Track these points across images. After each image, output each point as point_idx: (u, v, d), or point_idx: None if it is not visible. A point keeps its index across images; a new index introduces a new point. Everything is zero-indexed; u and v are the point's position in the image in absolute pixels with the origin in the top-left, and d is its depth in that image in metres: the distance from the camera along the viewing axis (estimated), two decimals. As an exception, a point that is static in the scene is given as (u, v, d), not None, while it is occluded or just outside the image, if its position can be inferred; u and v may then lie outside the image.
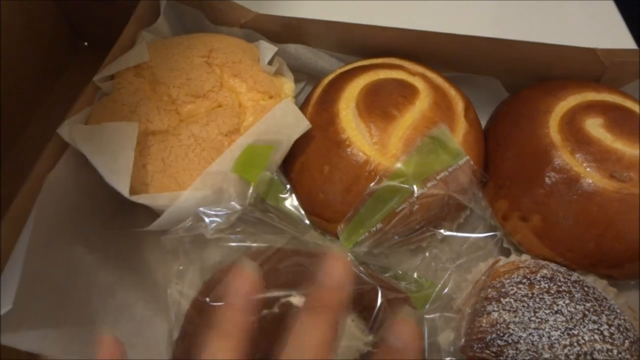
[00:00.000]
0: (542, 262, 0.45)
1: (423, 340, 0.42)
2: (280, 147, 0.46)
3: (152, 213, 0.48)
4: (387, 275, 0.46)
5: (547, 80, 0.53)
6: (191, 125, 0.46)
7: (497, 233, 0.47)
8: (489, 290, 0.43)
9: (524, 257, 0.47)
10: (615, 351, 0.39)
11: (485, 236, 0.47)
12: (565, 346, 0.39)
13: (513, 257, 0.48)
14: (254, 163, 0.43)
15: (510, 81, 0.56)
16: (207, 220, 0.42)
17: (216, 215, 0.42)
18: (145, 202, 0.44)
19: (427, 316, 0.43)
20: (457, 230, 0.49)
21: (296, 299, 0.42)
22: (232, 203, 0.42)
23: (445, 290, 0.44)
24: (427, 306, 0.44)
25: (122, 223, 0.51)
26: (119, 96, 0.47)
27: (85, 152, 0.43)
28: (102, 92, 0.49)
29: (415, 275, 0.46)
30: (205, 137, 0.46)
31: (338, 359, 0.40)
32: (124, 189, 0.42)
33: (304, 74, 0.59)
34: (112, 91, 0.48)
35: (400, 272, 0.46)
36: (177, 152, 0.46)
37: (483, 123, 0.54)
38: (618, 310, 0.42)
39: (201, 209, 0.42)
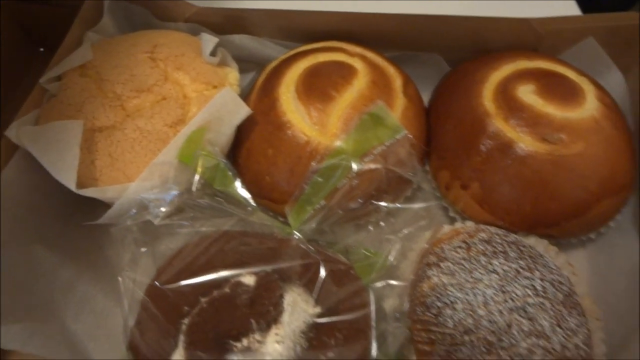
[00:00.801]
0: (482, 227, 0.47)
1: (371, 310, 0.44)
2: (223, 133, 0.47)
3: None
4: (334, 249, 0.47)
5: (485, 52, 0.54)
6: (137, 119, 0.48)
7: (438, 202, 0.48)
8: (430, 256, 0.45)
9: (468, 224, 0.49)
10: (547, 304, 0.41)
11: (428, 206, 0.48)
12: (498, 302, 0.40)
13: (457, 224, 0.49)
14: (195, 149, 0.45)
15: (452, 57, 0.57)
16: (151, 207, 0.43)
17: (159, 201, 0.44)
18: (94, 194, 0.45)
19: (373, 285, 0.45)
20: (404, 204, 0.51)
21: (246, 278, 0.44)
22: (173, 188, 0.44)
23: (391, 260, 0.46)
24: (372, 275, 0.45)
25: (81, 220, 0.52)
26: (65, 96, 0.49)
27: (33, 151, 0.45)
28: (50, 94, 0.50)
29: (361, 247, 0.48)
30: (150, 130, 0.48)
31: (286, 330, 0.42)
32: (70, 183, 0.44)
33: (253, 64, 0.60)
34: (59, 92, 0.49)
35: (347, 245, 0.48)
36: (124, 146, 0.47)
37: (429, 99, 0.55)
38: (553, 267, 0.43)
39: (143, 196, 0.43)
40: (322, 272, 0.43)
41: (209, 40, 0.52)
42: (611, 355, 0.45)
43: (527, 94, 0.48)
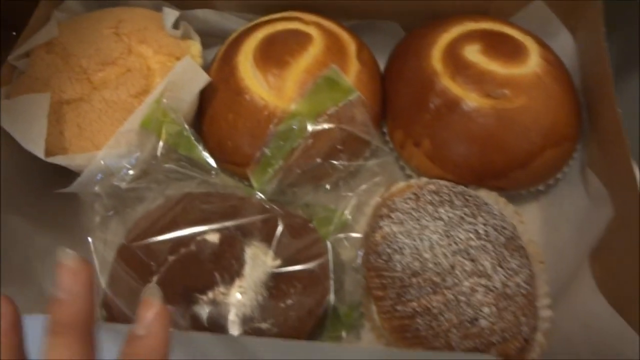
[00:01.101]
0: (433, 180, 0.49)
1: (329, 261, 0.47)
2: (184, 101, 0.49)
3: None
4: (293, 206, 0.50)
5: (438, 18, 0.57)
6: (103, 91, 0.50)
7: (390, 157, 0.51)
8: (383, 209, 0.47)
9: (422, 179, 0.51)
10: (489, 246, 0.44)
11: (382, 162, 0.51)
12: (443, 246, 0.43)
13: (412, 181, 0.52)
14: (157, 115, 0.47)
15: (407, 23, 0.60)
16: (116, 172, 0.46)
17: (124, 166, 0.46)
18: (63, 162, 0.48)
19: (330, 237, 0.48)
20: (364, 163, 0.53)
21: (210, 236, 0.47)
22: (137, 154, 0.46)
23: (347, 215, 0.49)
24: (330, 229, 0.48)
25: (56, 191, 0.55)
26: (33, 72, 0.51)
27: (3, 124, 0.47)
28: (19, 71, 0.53)
29: (319, 204, 0.50)
30: (116, 100, 0.50)
31: (248, 282, 0.45)
32: (39, 151, 0.46)
33: (219, 38, 0.62)
34: (27, 68, 0.52)
35: (306, 203, 0.50)
36: (91, 116, 0.50)
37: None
38: (497, 213, 0.46)
39: (108, 161, 0.46)
40: (280, 226, 0.46)
41: (170, 14, 0.54)
42: (555, 294, 0.48)
43: (473, 53, 0.50)
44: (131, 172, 0.47)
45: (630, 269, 0.43)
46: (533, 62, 0.50)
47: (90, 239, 0.46)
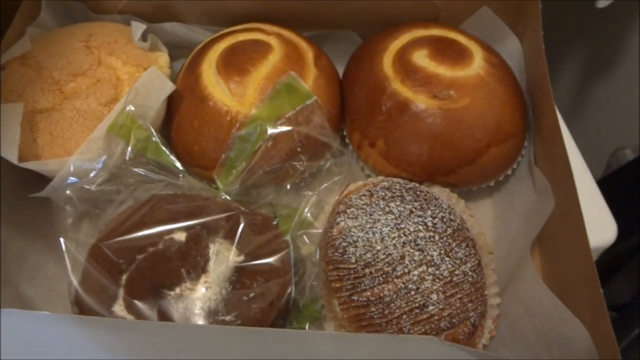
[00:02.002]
0: (388, 178, 0.52)
1: (290, 255, 0.49)
2: (151, 107, 0.52)
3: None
4: (256, 205, 0.53)
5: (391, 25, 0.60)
6: (74, 100, 0.53)
7: (347, 157, 0.54)
8: (340, 206, 0.50)
9: (378, 177, 0.54)
10: (437, 237, 0.47)
11: (339, 162, 0.54)
12: (393, 238, 0.46)
13: (369, 179, 0.55)
14: (122, 121, 0.50)
15: (364, 32, 0.63)
16: (85, 175, 0.49)
17: (92, 170, 0.49)
18: (36, 167, 0.50)
19: (291, 234, 0.50)
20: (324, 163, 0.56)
21: (177, 235, 0.50)
22: (104, 157, 0.49)
23: (307, 213, 0.52)
24: (291, 226, 0.51)
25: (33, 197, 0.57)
26: (7, 84, 0.54)
27: (-22, 133, 0.50)
28: (-7, 84, 0.55)
29: (281, 204, 0.53)
30: (86, 109, 0.53)
31: (212, 277, 0.48)
32: (12, 157, 0.49)
33: (186, 50, 0.65)
34: (2, 80, 0.54)
35: (268, 202, 0.53)
36: (63, 124, 0.52)
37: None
38: (445, 207, 0.49)
39: (78, 165, 0.49)
40: (242, 223, 0.49)
41: (138, 27, 0.57)
42: (504, 282, 0.51)
43: (421, 57, 0.54)
44: (101, 175, 0.49)
45: (569, 257, 0.47)
46: (476, 65, 0.53)
47: (61, 240, 0.48)
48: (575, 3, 0.91)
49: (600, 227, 0.55)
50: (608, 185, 0.68)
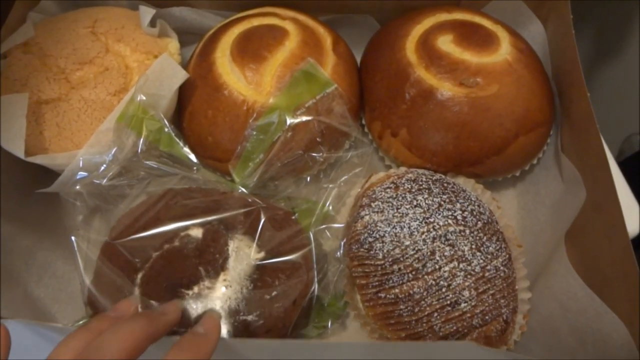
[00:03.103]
0: (411, 169, 0.50)
1: (312, 252, 0.47)
2: (164, 97, 0.50)
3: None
4: (275, 199, 0.51)
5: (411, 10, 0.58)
6: (81, 90, 0.50)
7: (369, 148, 0.52)
8: (364, 199, 0.48)
9: (401, 168, 0.52)
10: (467, 231, 0.45)
11: (362, 153, 0.52)
12: (422, 232, 0.44)
13: (392, 171, 0.53)
14: (133, 110, 0.47)
15: (382, 16, 0.61)
16: (95, 169, 0.46)
17: (102, 163, 0.46)
18: (44, 162, 0.48)
19: (313, 229, 0.48)
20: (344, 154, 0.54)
21: (194, 231, 0.47)
22: (114, 149, 0.46)
23: (328, 206, 0.49)
24: (312, 220, 0.49)
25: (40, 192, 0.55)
26: (10, 73, 0.51)
27: (-18, 126, 0.47)
28: (-5, 73, 0.52)
29: (301, 197, 0.51)
30: (95, 99, 0.50)
31: (232, 275, 0.45)
32: (19, 152, 0.46)
33: (196, 36, 0.62)
34: (4, 69, 0.52)
35: (287, 195, 0.51)
36: (70, 116, 0.50)
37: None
38: (474, 199, 0.47)
39: (88, 159, 0.46)
40: (262, 219, 0.46)
41: (146, 12, 0.54)
42: (533, 277, 0.49)
43: (445, 43, 0.51)
44: (111, 168, 0.47)
45: (604, 249, 0.45)
46: (504, 50, 0.51)
47: (73, 238, 0.46)
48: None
49: (629, 218, 0.53)
50: (622, 171, 0.67)
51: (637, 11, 0.89)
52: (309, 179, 0.52)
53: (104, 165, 0.47)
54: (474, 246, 0.44)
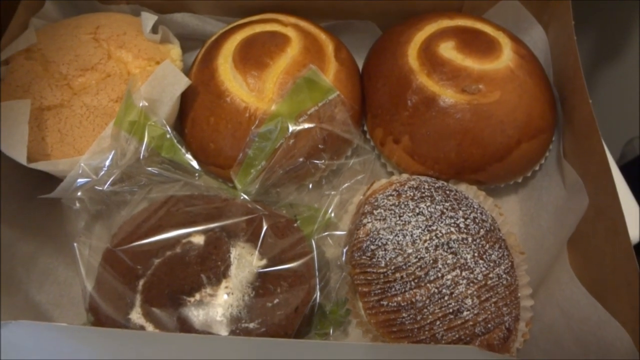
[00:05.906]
0: (414, 177, 0.50)
1: (314, 260, 0.47)
2: (165, 104, 0.50)
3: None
4: (277, 206, 0.51)
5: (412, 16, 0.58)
6: (83, 96, 0.50)
7: (372, 155, 0.52)
8: (366, 206, 0.48)
9: (404, 175, 0.52)
10: (470, 239, 0.45)
11: (364, 160, 0.52)
12: (425, 240, 0.44)
13: (394, 177, 0.53)
14: (130, 115, 0.47)
15: (383, 22, 0.61)
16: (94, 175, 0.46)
17: (102, 168, 0.46)
18: (46, 168, 0.48)
19: (315, 236, 0.48)
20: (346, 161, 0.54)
21: (196, 238, 0.47)
22: (112, 153, 0.46)
23: (330, 213, 0.49)
24: (314, 228, 0.48)
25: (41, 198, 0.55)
26: (12, 79, 0.51)
27: (-16, 132, 0.47)
28: (-2, 80, 0.52)
29: (303, 204, 0.51)
30: (97, 105, 0.50)
31: (234, 282, 0.45)
32: (21, 158, 0.46)
33: (198, 42, 0.62)
34: (6, 76, 0.52)
35: (289, 202, 0.51)
36: (72, 122, 0.50)
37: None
38: (476, 207, 0.47)
39: (89, 165, 0.46)
40: (265, 226, 0.46)
41: (149, 18, 0.54)
42: (536, 284, 0.49)
43: (447, 50, 0.51)
44: (113, 174, 0.47)
45: (606, 256, 0.45)
46: (506, 57, 0.51)
47: (75, 245, 0.46)
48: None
49: (631, 223, 0.53)
50: (624, 175, 0.67)
51: (637, 16, 0.89)
52: (311, 186, 0.52)
53: (104, 170, 0.46)
54: (476, 254, 0.44)
